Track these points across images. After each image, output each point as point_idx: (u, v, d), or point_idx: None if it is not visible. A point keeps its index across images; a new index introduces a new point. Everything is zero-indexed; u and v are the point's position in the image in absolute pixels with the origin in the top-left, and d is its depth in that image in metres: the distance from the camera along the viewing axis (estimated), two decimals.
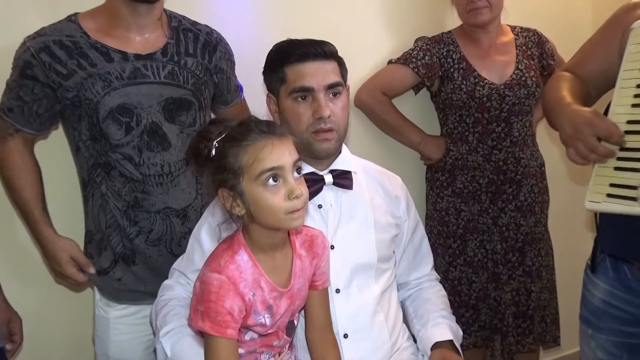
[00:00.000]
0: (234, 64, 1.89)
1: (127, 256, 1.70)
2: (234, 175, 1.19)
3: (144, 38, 1.68)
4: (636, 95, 1.36)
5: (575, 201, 1.81)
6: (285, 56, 1.49)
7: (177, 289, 1.54)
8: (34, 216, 1.70)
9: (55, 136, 1.88)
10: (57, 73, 1.60)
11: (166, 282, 1.58)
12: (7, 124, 1.66)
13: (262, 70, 1.59)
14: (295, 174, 1.20)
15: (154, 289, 1.60)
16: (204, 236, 1.53)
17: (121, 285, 1.73)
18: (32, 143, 1.74)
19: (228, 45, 1.87)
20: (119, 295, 1.75)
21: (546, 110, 1.56)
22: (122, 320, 1.76)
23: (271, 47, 1.57)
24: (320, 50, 1.48)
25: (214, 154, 1.21)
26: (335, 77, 1.49)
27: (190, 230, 1.62)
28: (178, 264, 1.59)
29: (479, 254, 2.26)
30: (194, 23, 1.80)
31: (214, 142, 1.21)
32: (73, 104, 1.62)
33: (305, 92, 1.47)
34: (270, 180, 1.17)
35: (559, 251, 2.45)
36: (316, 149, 1.48)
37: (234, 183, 1.19)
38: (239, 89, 1.95)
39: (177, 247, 1.71)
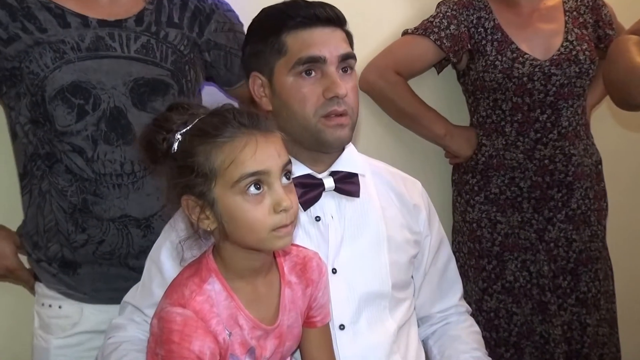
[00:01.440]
0: (243, 35, 1.90)
1: (67, 264, 1.73)
2: (204, 180, 1.18)
3: (113, 1, 1.70)
4: None
5: None
6: (285, 20, 1.50)
7: (130, 328, 1.52)
8: None
9: None
10: None
11: (116, 320, 1.57)
12: None
13: None
14: (284, 180, 1.21)
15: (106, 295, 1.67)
16: (165, 259, 1.52)
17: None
18: None
19: (231, 12, 1.91)
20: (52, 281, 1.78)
21: (618, 82, 1.52)
22: (64, 351, 1.77)
23: (259, 12, 1.59)
24: (332, 14, 1.51)
25: (175, 149, 1.21)
26: (347, 48, 1.52)
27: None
28: (131, 296, 1.58)
29: (520, 279, 2.26)
30: None
31: (177, 134, 1.21)
32: (12, 77, 1.64)
33: (313, 64, 1.48)
34: (252, 188, 1.17)
35: (620, 273, 2.45)
36: (328, 139, 1.49)
37: (203, 189, 1.19)
38: None
39: (134, 261, 1.73)
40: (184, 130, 1.21)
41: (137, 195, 1.70)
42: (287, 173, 1.22)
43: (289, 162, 1.22)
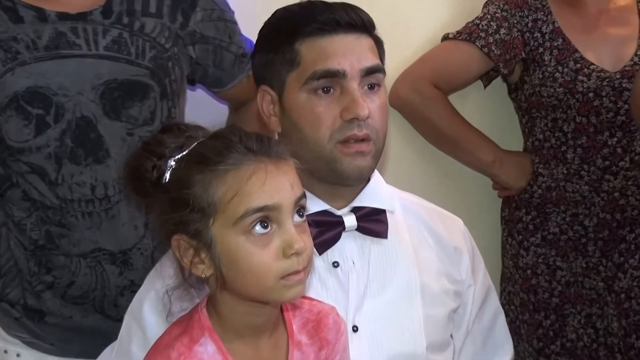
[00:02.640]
0: (234, 24, 1.93)
1: (32, 312, 1.74)
2: (200, 216, 1.16)
3: None
4: None
5: None
6: (300, 26, 1.49)
7: None
8: None
9: None
10: None
11: None
12: None
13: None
14: (297, 217, 1.20)
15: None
16: (149, 313, 1.50)
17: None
18: None
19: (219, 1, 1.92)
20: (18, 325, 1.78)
21: None
22: None
23: (271, 15, 1.59)
24: (356, 18, 1.49)
25: (167, 179, 1.19)
26: (374, 59, 1.51)
27: (132, 285, 1.67)
28: (105, 358, 1.59)
29: (584, 337, 2.26)
30: None
31: (170, 161, 1.20)
32: None
33: (331, 80, 1.47)
34: (258, 227, 1.15)
35: None
36: (344, 169, 1.48)
37: (199, 227, 1.17)
38: (245, 57, 1.96)
39: (111, 307, 1.73)
40: (179, 155, 1.20)
41: (111, 224, 1.70)
42: (300, 209, 1.20)
43: (303, 195, 1.20)
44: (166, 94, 1.75)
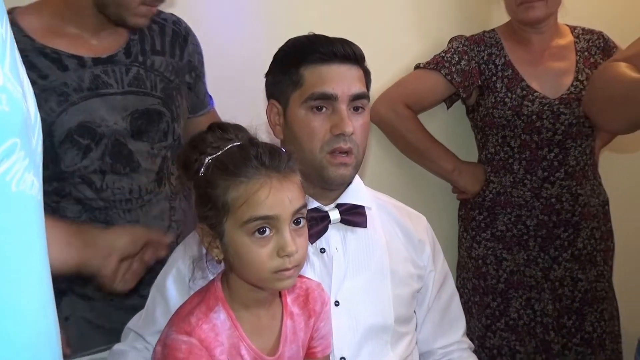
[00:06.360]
0: (203, 62, 1.93)
1: (80, 297, 1.71)
2: (217, 213, 1.19)
3: (100, 36, 1.70)
4: None
5: None
6: (305, 54, 1.52)
7: (132, 355, 1.50)
8: None
9: None
10: None
11: (117, 346, 1.54)
12: None
13: (263, 73, 1.61)
14: (293, 225, 1.21)
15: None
16: (171, 286, 1.51)
17: (66, 330, 1.68)
18: None
19: (196, 37, 1.91)
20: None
21: (618, 97, 1.58)
22: None
23: (284, 43, 1.61)
24: (350, 52, 1.52)
25: (202, 173, 1.22)
26: (361, 87, 1.53)
27: (162, 265, 1.64)
28: (134, 322, 1.56)
29: (524, 316, 2.26)
30: (157, 12, 1.80)
31: (207, 158, 1.22)
32: None
33: (325, 101, 1.49)
34: (259, 231, 1.18)
35: (626, 314, 2.46)
36: (329, 176, 1.50)
37: (215, 222, 1.20)
38: (207, 95, 1.98)
39: (145, 288, 1.69)
40: (214, 155, 1.21)
41: (146, 218, 1.72)
42: (297, 219, 1.22)
43: (302, 207, 1.22)
44: (174, 117, 1.77)
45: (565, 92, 2.21)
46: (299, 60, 1.52)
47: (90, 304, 1.71)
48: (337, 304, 1.51)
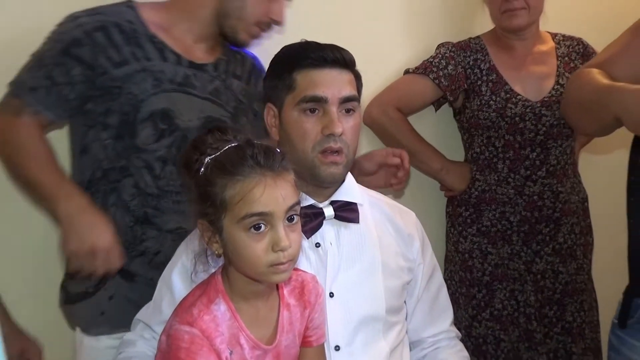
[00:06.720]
0: None
1: (126, 272, 1.73)
2: (216, 210, 1.22)
3: (200, 46, 1.83)
4: None
5: (626, 244, 1.82)
6: (298, 59, 1.54)
7: (140, 344, 1.53)
8: (50, 188, 1.64)
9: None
10: (108, 58, 1.69)
11: (127, 335, 1.58)
12: (23, 103, 1.67)
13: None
14: (286, 222, 1.23)
15: None
16: (176, 279, 1.53)
17: (110, 307, 1.74)
18: (45, 131, 1.75)
19: None
20: (101, 324, 1.75)
21: (589, 102, 1.60)
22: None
23: (280, 49, 1.62)
24: (340, 57, 1.53)
25: (202, 172, 1.24)
26: (351, 90, 1.54)
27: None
28: (143, 313, 1.59)
29: (508, 307, 2.28)
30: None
31: (207, 159, 1.24)
32: (105, 95, 1.70)
33: (316, 104, 1.51)
34: (254, 227, 1.20)
35: (605, 305, 2.42)
36: (321, 174, 1.52)
37: (214, 218, 1.23)
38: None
39: None
40: (214, 155, 1.24)
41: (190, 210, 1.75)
42: (292, 215, 1.24)
43: (296, 204, 1.24)
44: None
45: (547, 95, 2.22)
46: (292, 66, 1.53)
47: (131, 285, 1.74)
48: (331, 295, 1.53)
